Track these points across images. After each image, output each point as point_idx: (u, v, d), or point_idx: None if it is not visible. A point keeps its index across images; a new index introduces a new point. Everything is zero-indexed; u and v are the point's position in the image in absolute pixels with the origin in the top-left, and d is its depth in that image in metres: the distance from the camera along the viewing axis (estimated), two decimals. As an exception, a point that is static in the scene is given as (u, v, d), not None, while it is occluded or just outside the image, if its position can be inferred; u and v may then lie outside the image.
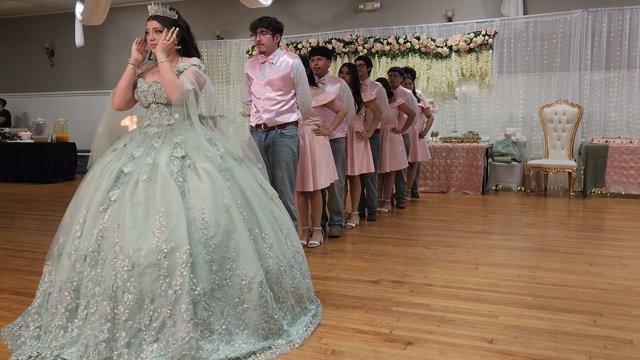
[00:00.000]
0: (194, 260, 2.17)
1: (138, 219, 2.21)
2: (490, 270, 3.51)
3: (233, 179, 2.43)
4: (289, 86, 3.66)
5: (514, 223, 5.11)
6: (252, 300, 2.26)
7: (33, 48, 10.70)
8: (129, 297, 2.12)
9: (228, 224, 2.29)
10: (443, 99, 7.87)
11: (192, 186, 2.31)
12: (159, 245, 2.15)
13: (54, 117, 9.55)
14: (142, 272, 2.13)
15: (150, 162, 2.35)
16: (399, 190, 6.03)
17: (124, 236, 2.18)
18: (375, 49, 8.01)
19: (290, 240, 2.62)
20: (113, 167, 2.40)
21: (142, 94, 2.57)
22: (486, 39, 7.44)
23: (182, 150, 2.39)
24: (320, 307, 2.76)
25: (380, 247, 4.19)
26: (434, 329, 2.54)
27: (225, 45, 9.04)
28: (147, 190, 2.27)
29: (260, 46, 3.62)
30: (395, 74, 5.84)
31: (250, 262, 2.28)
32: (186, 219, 2.20)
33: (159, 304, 2.12)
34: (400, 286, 3.19)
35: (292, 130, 3.70)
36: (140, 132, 2.56)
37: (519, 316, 2.68)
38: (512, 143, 7.18)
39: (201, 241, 2.21)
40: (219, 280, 2.23)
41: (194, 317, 2.13)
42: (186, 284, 2.13)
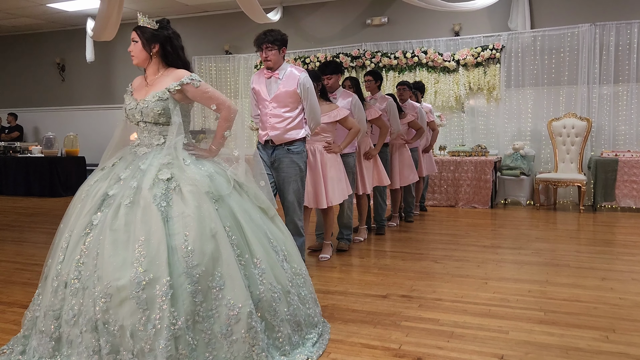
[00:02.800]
0: (175, 292, 2.03)
1: (118, 246, 2.08)
2: (500, 285, 3.48)
3: (222, 200, 2.28)
4: (296, 102, 3.55)
5: (523, 237, 5.07)
6: (240, 331, 2.10)
7: (44, 63, 10.85)
8: (110, 329, 2.01)
9: (214, 250, 2.13)
10: (451, 112, 7.87)
11: (176, 211, 2.15)
12: (138, 277, 2.01)
13: (64, 132, 9.65)
14: (120, 304, 2.01)
15: (135, 186, 2.22)
16: (407, 204, 6.01)
17: (102, 265, 2.06)
18: (382, 63, 8.04)
19: (289, 262, 2.46)
20: (98, 188, 2.31)
21: (130, 111, 2.45)
22: (494, 53, 7.46)
23: (168, 172, 2.25)
24: (326, 332, 2.59)
25: (388, 261, 4.17)
26: (444, 344, 2.51)
27: (234, 60, 9.12)
28: (128, 215, 2.14)
29: (267, 62, 3.52)
30: (404, 87, 5.85)
31: (239, 291, 2.12)
32: (167, 248, 2.06)
33: (138, 338, 2.00)
34: (409, 301, 3.16)
35: (299, 146, 3.61)
36: (130, 152, 2.46)
37: (530, 332, 2.65)
38: (521, 157, 7.15)
39: (184, 271, 2.06)
40: (203, 311, 2.08)
41: (175, 353, 1.99)
42: (165, 318, 1.99)
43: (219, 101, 2.47)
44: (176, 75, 2.42)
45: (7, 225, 5.99)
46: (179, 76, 2.41)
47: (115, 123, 2.73)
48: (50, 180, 8.71)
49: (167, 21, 2.51)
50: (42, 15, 9.59)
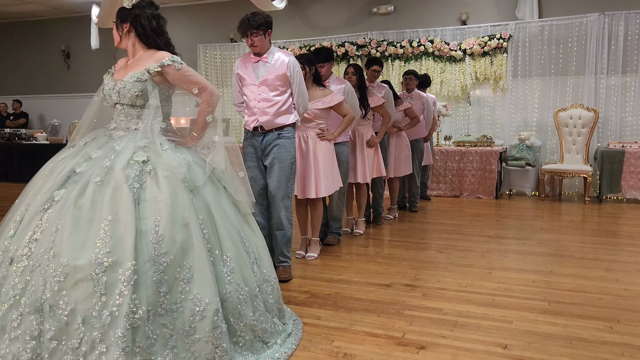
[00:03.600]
0: (139, 278, 1.89)
1: (80, 224, 1.94)
2: (504, 275, 3.47)
3: (197, 191, 2.15)
4: (285, 85, 3.44)
5: (528, 228, 5.05)
6: (204, 329, 1.96)
7: (50, 50, 10.84)
8: (57, 312, 1.85)
9: (185, 240, 2.00)
10: (457, 102, 7.83)
11: (149, 194, 2.03)
12: (99, 258, 1.87)
13: (69, 119, 9.66)
14: (75, 285, 1.86)
15: (107, 165, 2.09)
16: (411, 194, 5.99)
17: (60, 242, 1.91)
18: (388, 52, 7.99)
19: (259, 267, 2.32)
20: (65, 165, 2.17)
21: (107, 92, 2.32)
22: (501, 43, 7.39)
23: (144, 154, 2.13)
24: (292, 340, 2.39)
25: (392, 251, 4.17)
26: (447, 333, 2.51)
27: (239, 48, 9.08)
28: (96, 193, 2.00)
29: (254, 48, 3.41)
30: (411, 77, 5.79)
31: (207, 286, 1.99)
32: (135, 231, 1.93)
33: (90, 325, 1.84)
34: (413, 290, 3.17)
35: (290, 132, 3.48)
36: (104, 134, 2.31)
37: (534, 322, 2.65)
38: (527, 147, 7.11)
39: (150, 257, 1.93)
40: (167, 304, 1.94)
41: (132, 345, 1.85)
42: (125, 305, 1.84)
43: (200, 85, 2.32)
44: (157, 57, 2.30)
45: (12, 212, 6.01)
46: (159, 57, 2.29)
47: None
48: (56, 167, 8.73)
49: (147, 2, 2.38)
50: (48, 2, 9.56)
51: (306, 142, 3.86)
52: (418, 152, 5.89)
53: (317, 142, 3.86)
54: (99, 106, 2.41)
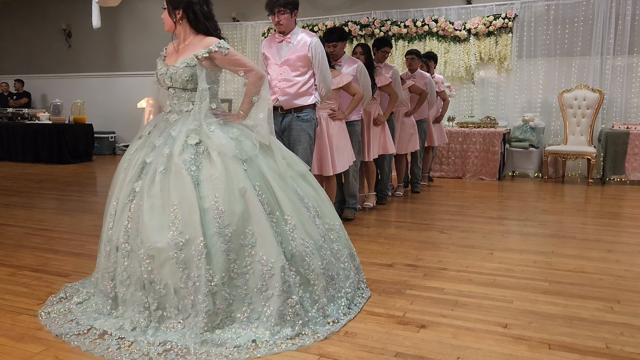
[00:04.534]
0: (209, 251, 2.16)
1: (155, 211, 2.22)
2: (505, 255, 3.49)
3: (251, 161, 2.36)
4: (306, 67, 3.51)
5: (530, 209, 5.05)
6: (275, 286, 2.21)
7: (50, 29, 10.77)
8: (156, 287, 2.19)
9: (244, 210, 2.23)
10: (460, 83, 7.77)
11: (205, 174, 2.26)
12: (175, 238, 2.16)
13: (71, 99, 9.63)
14: (162, 265, 2.18)
15: (167, 152, 2.32)
16: (413, 175, 5.99)
17: (143, 229, 2.21)
18: (392, 32, 7.91)
19: (322, 218, 2.52)
20: (138, 157, 2.43)
21: (160, 76, 2.51)
22: (506, 22, 7.30)
23: (196, 137, 2.34)
24: (363, 296, 2.63)
25: (394, 231, 4.18)
26: (448, 312, 2.53)
27: (241, 28, 9.00)
28: (163, 181, 2.27)
29: (280, 26, 3.46)
30: (413, 56, 5.75)
31: (270, 247, 2.22)
32: (199, 210, 2.18)
33: (181, 294, 2.17)
34: (414, 270, 3.18)
35: (309, 113, 3.57)
36: (163, 119, 2.53)
37: (534, 301, 2.66)
38: (530, 129, 7.08)
39: (216, 231, 2.18)
40: (238, 268, 2.21)
41: (213, 308, 2.15)
42: (203, 276, 2.14)
43: (246, 67, 2.49)
44: (205, 43, 2.44)
45: (16, 191, 6.04)
46: (207, 43, 2.43)
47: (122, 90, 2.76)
48: (59, 147, 8.75)
49: None
50: (48, -20, 9.45)
51: (319, 123, 3.96)
52: (422, 133, 5.88)
53: (330, 122, 4.01)
54: (158, 91, 2.62)
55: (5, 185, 6.54)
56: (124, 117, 9.86)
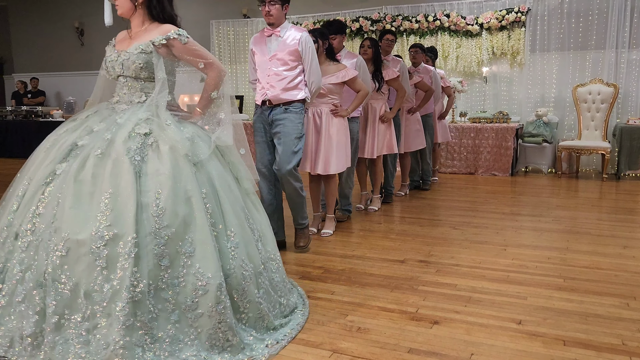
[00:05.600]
0: (140, 251, 1.87)
1: (81, 198, 1.92)
2: (518, 251, 3.46)
3: (201, 165, 2.10)
4: (296, 61, 3.40)
5: (543, 205, 5.01)
6: (207, 304, 1.93)
7: (63, 27, 10.85)
8: (60, 287, 1.84)
9: (187, 214, 1.96)
10: (472, 78, 7.71)
11: (151, 167, 1.99)
12: (100, 231, 1.85)
13: (84, 96, 9.70)
14: (77, 259, 1.85)
15: (108, 138, 2.04)
16: (423, 171, 5.93)
17: (62, 216, 1.89)
18: (403, 27, 7.86)
19: (263, 245, 2.27)
20: (67, 139, 2.14)
21: (109, 64, 2.27)
22: (519, 16, 7.22)
23: (146, 127, 2.07)
24: (298, 320, 2.36)
25: (406, 227, 4.16)
26: (461, 308, 2.51)
27: (252, 24, 9.00)
28: (97, 166, 1.97)
29: (269, 17, 3.35)
30: (417, 50, 5.68)
31: (210, 261, 1.95)
32: (136, 204, 1.90)
33: (92, 299, 1.83)
34: (427, 266, 3.17)
35: (298, 107, 3.42)
36: (107, 107, 2.27)
37: (549, 298, 2.64)
38: (544, 124, 7.01)
39: (152, 230, 1.90)
40: (169, 278, 1.92)
41: (133, 319, 1.83)
42: (126, 279, 1.82)
43: (207, 60, 2.27)
44: (163, 30, 2.24)
45: (31, 188, 6.09)
46: (165, 30, 2.23)
47: None
48: (72, 144, 8.81)
49: None
50: (60, -21, 9.53)
51: (320, 118, 3.80)
52: (429, 128, 5.79)
53: (331, 118, 3.81)
54: (104, 80, 2.37)
55: (20, 182, 6.61)
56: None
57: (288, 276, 2.75)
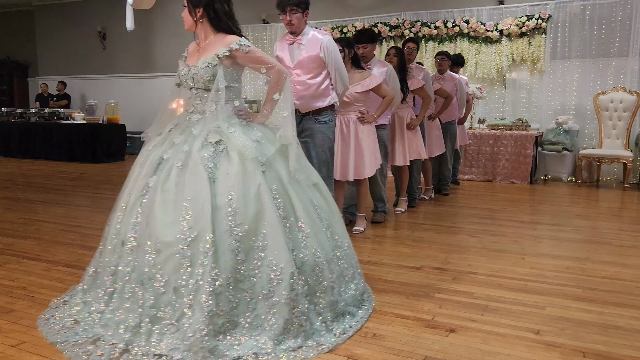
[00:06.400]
0: (217, 249, 2.08)
1: (167, 205, 2.17)
2: (537, 260, 3.41)
3: (270, 164, 2.30)
4: (320, 67, 3.39)
5: (563, 214, 4.94)
6: (282, 293, 2.11)
7: (87, 32, 11.05)
8: (154, 284, 2.11)
9: (258, 211, 2.17)
10: (491, 84, 7.65)
11: (222, 172, 2.21)
12: (183, 233, 2.10)
13: (106, 99, 9.86)
14: (166, 260, 2.10)
15: (186, 149, 2.29)
16: (443, 177, 5.92)
17: (154, 223, 2.16)
18: (422, 33, 7.84)
19: (331, 233, 2.43)
20: (155, 154, 2.39)
21: (182, 77, 2.49)
22: (539, 23, 7.16)
23: (217, 135, 2.30)
24: (368, 309, 2.52)
25: (422, 234, 4.14)
26: (478, 317, 2.49)
27: (271, 29, 9.06)
28: (179, 176, 2.22)
29: (291, 26, 3.36)
30: (443, 57, 5.69)
31: (281, 252, 2.14)
32: (211, 207, 2.12)
33: (180, 293, 2.08)
34: (443, 273, 3.14)
35: (327, 115, 3.46)
36: (185, 118, 2.49)
37: (567, 308, 2.60)
38: (564, 132, 6.92)
39: (227, 229, 2.11)
40: (245, 270, 2.13)
41: (215, 309, 2.04)
42: (207, 274, 2.05)
43: (268, 65, 2.45)
44: (225, 41, 2.41)
45: (52, 189, 6.21)
46: (228, 42, 2.40)
47: (154, 91, 2.76)
48: (93, 146, 8.96)
49: None
50: (84, -16, 9.71)
51: (347, 126, 3.92)
52: (450, 135, 5.81)
53: (358, 125, 3.94)
54: (175, 89, 2.59)
55: (42, 182, 6.73)
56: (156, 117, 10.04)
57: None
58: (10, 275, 3.04)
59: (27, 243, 3.76)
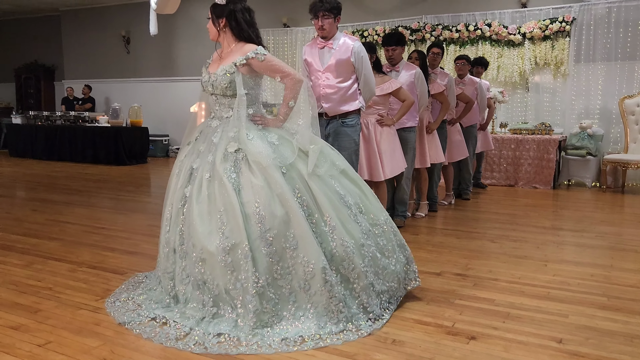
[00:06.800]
0: (254, 254, 2.29)
1: (204, 217, 2.37)
2: (560, 267, 3.36)
3: (291, 165, 2.43)
4: (349, 72, 3.46)
5: (587, 220, 4.85)
6: (317, 285, 2.31)
7: (111, 36, 11.24)
8: (210, 287, 2.35)
9: (284, 214, 2.33)
10: (514, 88, 7.57)
11: (245, 180, 2.38)
12: (223, 243, 2.30)
13: (129, 102, 10.01)
14: (213, 267, 2.33)
15: (211, 160, 2.46)
16: (463, 181, 5.87)
17: (195, 233, 2.37)
18: (443, 37, 7.80)
19: (365, 214, 2.54)
20: (187, 164, 2.57)
21: (204, 84, 2.64)
22: (563, 26, 7.06)
23: (235, 144, 2.45)
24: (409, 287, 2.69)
25: (443, 239, 4.11)
26: (499, 324, 2.46)
27: (292, 33, 9.10)
28: (209, 188, 2.41)
29: (322, 31, 3.43)
30: (463, 61, 5.65)
31: (311, 249, 2.31)
32: (242, 216, 2.30)
33: (231, 295, 2.31)
34: (464, 279, 3.12)
35: (354, 119, 3.53)
36: (207, 125, 2.66)
37: (591, 317, 2.55)
38: (588, 136, 6.80)
39: (259, 235, 2.30)
40: (281, 269, 2.32)
41: (260, 307, 2.27)
42: (250, 278, 2.26)
43: (283, 73, 2.57)
44: (244, 50, 2.55)
45: (76, 190, 6.33)
46: (245, 50, 2.54)
47: (177, 94, 2.89)
48: (116, 149, 9.10)
49: None
50: (109, -11, 9.89)
51: (367, 128, 3.98)
52: (472, 139, 5.77)
53: (377, 127, 4.00)
54: (202, 95, 2.75)
55: (66, 184, 6.87)
56: (178, 120, 10.15)
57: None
58: (36, 276, 3.11)
59: (52, 244, 3.84)
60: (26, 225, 4.43)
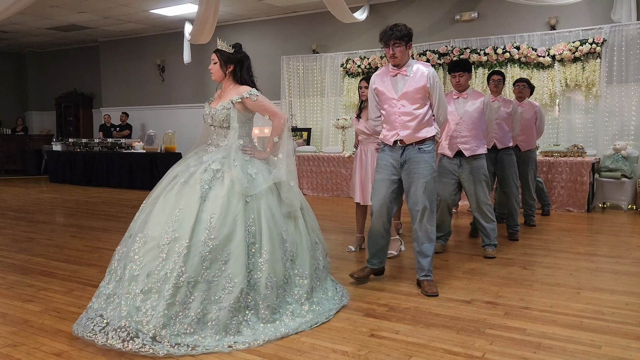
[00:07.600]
0: (189, 252, 2.59)
1: (165, 209, 2.72)
2: (594, 295, 3.31)
3: (256, 197, 2.82)
4: (425, 98, 3.41)
5: (622, 245, 4.75)
6: (229, 301, 2.61)
7: (147, 65, 11.67)
8: (134, 267, 2.63)
9: (231, 232, 2.68)
10: (544, 110, 7.50)
11: (213, 194, 2.75)
12: (167, 232, 2.63)
13: (164, 129, 10.32)
14: (149, 250, 2.63)
15: (192, 171, 2.86)
16: (527, 207, 5.72)
17: (151, 220, 2.72)
18: (471, 60, 7.82)
19: (293, 263, 2.90)
20: (172, 173, 2.95)
21: (205, 116, 3.09)
22: (593, 47, 7.00)
23: (219, 164, 2.85)
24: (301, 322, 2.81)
25: (473, 265, 4.09)
26: (530, 355, 2.45)
27: (321, 59, 9.28)
28: (180, 189, 2.79)
29: (394, 59, 3.39)
30: (524, 84, 5.63)
31: (239, 269, 2.65)
32: (195, 218, 2.65)
33: (152, 278, 2.57)
34: (495, 307, 3.10)
35: (430, 145, 3.44)
36: (203, 149, 3.08)
37: (626, 348, 2.51)
38: (622, 158, 6.68)
39: (201, 239, 2.62)
40: (207, 276, 2.61)
41: (173, 299, 2.53)
42: (175, 270, 2.56)
43: (271, 112, 3.05)
44: (240, 90, 3.03)
45: (113, 216, 6.54)
46: (241, 91, 3.02)
47: None
48: (151, 174, 9.37)
49: (239, 45, 3.11)
50: (145, 20, 10.30)
51: (365, 155, 4.33)
52: (532, 163, 5.66)
53: (374, 155, 4.17)
54: (205, 127, 3.17)
55: (103, 210, 7.10)
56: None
57: (351, 311, 2.95)
58: (77, 303, 3.24)
59: (91, 270, 3.99)
60: (66, 252, 4.61)
